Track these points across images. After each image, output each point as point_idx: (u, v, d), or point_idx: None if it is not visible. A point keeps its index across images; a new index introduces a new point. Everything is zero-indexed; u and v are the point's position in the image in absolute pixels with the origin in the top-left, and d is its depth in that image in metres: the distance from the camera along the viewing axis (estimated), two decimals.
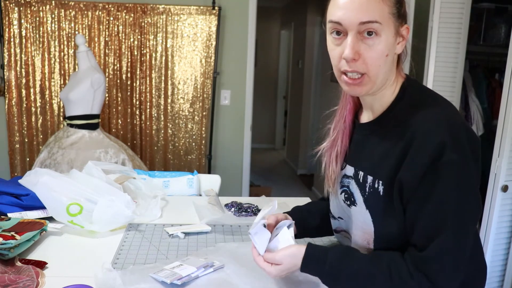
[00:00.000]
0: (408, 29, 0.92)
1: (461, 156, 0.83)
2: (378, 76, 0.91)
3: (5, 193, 1.42)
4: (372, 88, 0.92)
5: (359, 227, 0.98)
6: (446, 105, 0.92)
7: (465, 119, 3.11)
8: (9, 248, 1.08)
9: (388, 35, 0.88)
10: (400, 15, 0.90)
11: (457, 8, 2.58)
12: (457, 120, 0.88)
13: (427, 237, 0.84)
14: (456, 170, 0.83)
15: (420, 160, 0.84)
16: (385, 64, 0.90)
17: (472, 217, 0.85)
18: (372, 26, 0.86)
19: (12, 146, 3.16)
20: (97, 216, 1.30)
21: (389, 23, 0.88)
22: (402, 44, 0.92)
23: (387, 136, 0.93)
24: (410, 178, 0.86)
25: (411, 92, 0.94)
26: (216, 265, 1.08)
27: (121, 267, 1.10)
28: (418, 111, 0.89)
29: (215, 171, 3.44)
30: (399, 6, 0.90)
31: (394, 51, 0.92)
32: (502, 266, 2.16)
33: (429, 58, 2.65)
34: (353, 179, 1.00)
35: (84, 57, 2.53)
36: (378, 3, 0.87)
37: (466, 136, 0.85)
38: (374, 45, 0.87)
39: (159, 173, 1.83)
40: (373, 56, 0.88)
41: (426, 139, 0.84)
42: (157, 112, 3.29)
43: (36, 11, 3.05)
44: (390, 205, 0.90)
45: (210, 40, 3.23)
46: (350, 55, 0.87)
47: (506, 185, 2.05)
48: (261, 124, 6.67)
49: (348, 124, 1.05)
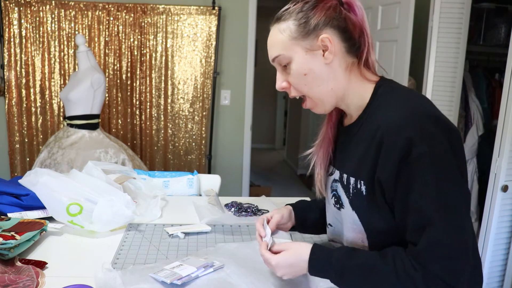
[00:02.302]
0: (328, 37, 0.92)
1: (433, 147, 0.82)
2: (316, 93, 0.96)
3: (5, 193, 1.42)
4: (327, 103, 0.98)
5: (350, 228, 0.99)
6: (415, 99, 0.91)
7: (465, 119, 3.11)
8: (9, 248, 1.08)
9: (298, 57, 0.95)
10: (309, 31, 0.93)
11: (457, 8, 2.58)
12: (427, 111, 0.87)
13: (417, 232, 0.84)
14: (429, 162, 0.82)
15: (391, 158, 0.85)
16: (312, 80, 0.95)
17: (458, 206, 0.84)
18: (278, 60, 0.97)
19: (12, 146, 3.16)
20: (97, 216, 1.30)
21: (293, 48, 0.94)
22: (329, 53, 0.93)
23: (363, 137, 0.95)
24: (387, 177, 0.87)
25: (381, 93, 0.95)
26: (216, 265, 1.07)
27: (121, 267, 1.10)
28: (387, 109, 0.90)
29: (215, 171, 3.44)
30: (303, 24, 0.93)
31: (316, 67, 0.94)
32: (502, 266, 2.16)
33: (429, 58, 2.65)
34: (339, 183, 1.02)
35: (84, 57, 2.53)
36: (276, 36, 0.96)
37: (436, 126, 0.84)
38: (291, 71, 0.96)
39: (159, 173, 1.83)
40: (293, 81, 0.97)
41: (393, 136, 0.85)
42: (157, 112, 3.29)
43: (36, 11, 3.05)
44: (374, 204, 0.92)
45: (210, 40, 3.22)
46: (277, 87, 1.00)
47: (506, 185, 2.05)
48: (261, 124, 6.67)
49: (331, 128, 1.07)
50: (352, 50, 0.96)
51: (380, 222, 0.92)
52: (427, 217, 0.82)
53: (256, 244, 1.21)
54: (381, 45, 2.98)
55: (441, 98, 2.70)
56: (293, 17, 0.94)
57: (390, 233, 0.91)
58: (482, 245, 2.12)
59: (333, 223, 1.09)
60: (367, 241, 0.97)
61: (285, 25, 0.95)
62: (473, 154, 3.11)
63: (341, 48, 0.94)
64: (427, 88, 2.70)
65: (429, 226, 0.82)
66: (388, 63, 2.87)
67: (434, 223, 0.82)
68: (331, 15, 0.93)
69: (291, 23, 0.94)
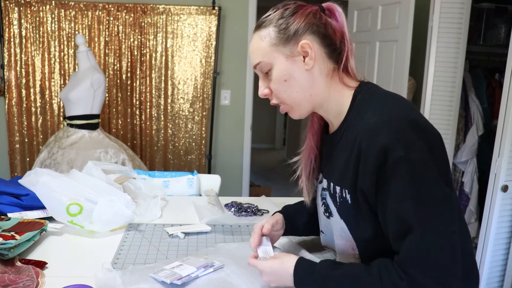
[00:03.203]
0: (308, 43, 0.92)
1: (409, 153, 0.80)
2: (295, 98, 0.96)
3: (5, 193, 1.42)
4: (303, 108, 0.98)
5: (340, 236, 0.99)
6: (393, 103, 0.89)
7: (465, 119, 3.11)
8: (9, 248, 1.08)
9: (278, 64, 0.94)
10: (289, 37, 0.93)
11: (457, 8, 2.58)
12: (404, 116, 0.84)
13: (398, 240, 0.83)
14: (406, 168, 0.80)
15: (369, 167, 0.84)
16: (292, 86, 0.95)
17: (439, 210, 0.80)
18: (259, 67, 0.97)
19: (12, 146, 3.16)
20: (97, 216, 1.30)
21: (274, 54, 0.94)
22: (309, 58, 0.93)
23: (345, 146, 0.94)
24: (367, 186, 0.86)
25: (360, 99, 0.94)
26: (216, 265, 1.07)
27: (121, 267, 1.10)
28: (364, 116, 0.89)
29: (215, 171, 3.44)
30: (283, 30, 0.93)
31: (297, 73, 0.94)
32: (502, 266, 2.16)
33: (429, 58, 2.66)
34: (327, 191, 1.01)
35: (84, 57, 2.53)
36: (257, 43, 0.96)
37: (414, 130, 0.82)
38: (272, 77, 0.96)
39: (159, 173, 1.83)
40: (274, 87, 0.97)
41: (370, 145, 0.84)
42: (157, 112, 3.29)
43: (36, 11, 3.05)
44: (360, 212, 0.91)
45: (210, 40, 3.22)
46: (260, 94, 1.00)
47: (506, 185, 2.05)
48: (261, 124, 6.67)
49: (312, 136, 1.08)
50: (333, 56, 0.95)
51: (367, 230, 0.91)
52: (407, 224, 0.81)
53: None
54: (381, 45, 2.98)
55: (441, 98, 2.70)
56: (273, 24, 0.94)
57: (378, 240, 0.90)
58: (482, 245, 2.12)
59: (324, 231, 1.09)
60: (357, 249, 0.96)
61: (265, 32, 0.95)
62: (473, 154, 3.11)
63: (321, 53, 0.94)
64: (427, 88, 2.70)
65: (409, 234, 0.80)
66: (388, 63, 2.87)
67: (414, 230, 0.80)
68: (311, 21, 0.93)
69: (271, 29, 0.94)
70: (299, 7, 0.94)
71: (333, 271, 0.88)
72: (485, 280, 2.14)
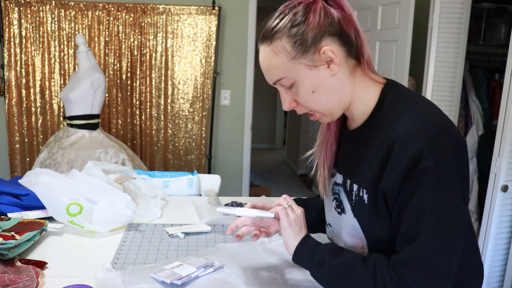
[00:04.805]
0: (330, 49, 0.86)
1: (440, 162, 0.81)
2: (325, 107, 0.92)
3: (5, 193, 1.42)
4: (335, 113, 0.94)
5: (350, 234, 0.98)
6: (423, 107, 0.88)
7: (465, 119, 3.11)
8: (9, 248, 1.08)
9: (303, 77, 0.89)
10: (308, 47, 0.86)
11: (457, 8, 2.58)
12: (438, 122, 0.84)
13: (404, 242, 0.83)
14: (433, 178, 0.80)
15: (398, 169, 0.83)
16: (321, 96, 0.90)
17: (453, 225, 0.81)
18: (281, 83, 0.91)
19: (12, 146, 3.16)
20: (97, 216, 1.30)
21: (295, 68, 0.88)
22: (334, 64, 0.88)
23: (369, 145, 0.92)
24: (391, 188, 0.85)
25: (390, 99, 0.92)
26: (216, 265, 1.07)
27: (121, 267, 1.10)
28: (397, 118, 0.87)
29: (215, 171, 3.44)
30: (300, 41, 0.86)
31: (323, 81, 0.89)
32: (502, 266, 2.16)
33: (429, 58, 2.65)
34: (342, 187, 1.00)
35: (84, 57, 2.53)
36: (273, 59, 0.89)
37: (447, 138, 0.83)
38: (298, 91, 0.91)
39: (159, 173, 1.82)
40: (301, 99, 0.92)
41: (403, 147, 0.83)
42: (157, 112, 3.29)
43: (36, 11, 3.05)
44: (376, 213, 0.90)
45: (210, 40, 3.23)
46: (285, 108, 0.95)
47: (506, 185, 2.05)
48: (261, 124, 6.67)
49: (333, 131, 1.04)
50: (352, 52, 0.91)
51: (382, 231, 0.90)
52: (418, 230, 0.81)
53: (256, 244, 1.21)
54: (381, 45, 2.98)
55: (441, 98, 2.70)
56: (286, 35, 0.87)
57: (392, 241, 0.90)
58: (482, 245, 2.12)
59: (332, 224, 1.08)
60: (367, 248, 0.95)
61: (279, 45, 0.87)
62: (473, 154, 3.11)
63: (342, 54, 0.89)
64: (427, 88, 2.70)
65: (417, 239, 0.81)
66: (388, 63, 2.87)
67: (421, 237, 0.81)
68: (325, 22, 0.86)
69: (285, 41, 0.87)
70: (307, 8, 0.87)
71: (331, 259, 0.90)
72: (485, 280, 2.14)
